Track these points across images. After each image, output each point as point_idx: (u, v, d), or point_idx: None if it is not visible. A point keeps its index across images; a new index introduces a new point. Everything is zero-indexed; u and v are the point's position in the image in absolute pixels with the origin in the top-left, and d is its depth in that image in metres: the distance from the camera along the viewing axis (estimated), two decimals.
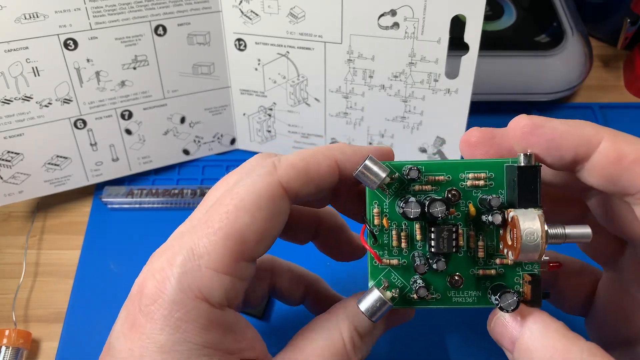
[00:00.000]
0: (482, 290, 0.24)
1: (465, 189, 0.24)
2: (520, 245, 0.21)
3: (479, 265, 0.24)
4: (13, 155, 0.41)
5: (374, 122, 0.43)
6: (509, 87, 0.50)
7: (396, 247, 0.24)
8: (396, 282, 0.24)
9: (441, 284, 0.24)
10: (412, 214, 0.22)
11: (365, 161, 0.22)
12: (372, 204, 0.24)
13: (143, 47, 0.41)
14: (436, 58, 0.38)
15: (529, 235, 0.21)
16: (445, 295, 0.24)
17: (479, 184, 0.24)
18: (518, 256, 0.21)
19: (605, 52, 0.57)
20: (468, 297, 0.24)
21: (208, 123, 0.46)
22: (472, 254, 0.24)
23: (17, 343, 0.36)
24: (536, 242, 0.21)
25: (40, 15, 0.37)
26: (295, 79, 0.43)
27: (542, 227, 0.21)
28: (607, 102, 0.53)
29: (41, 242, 0.43)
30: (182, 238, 0.22)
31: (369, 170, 0.23)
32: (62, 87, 0.40)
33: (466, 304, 0.24)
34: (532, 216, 0.22)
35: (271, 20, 0.40)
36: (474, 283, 0.24)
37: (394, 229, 0.24)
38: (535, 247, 0.21)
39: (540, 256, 0.21)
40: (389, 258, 0.24)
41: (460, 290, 0.24)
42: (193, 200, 0.43)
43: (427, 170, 0.24)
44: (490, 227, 0.23)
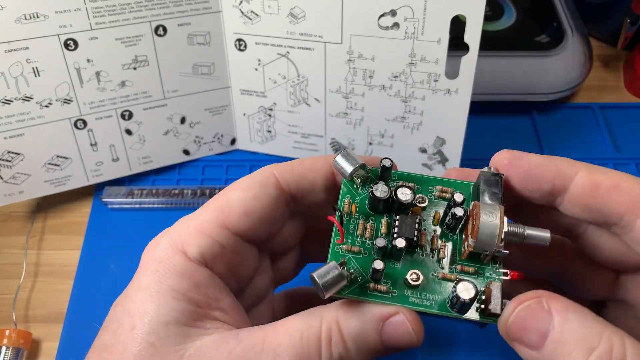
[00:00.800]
0: (440, 295, 0.23)
1: (433, 200, 0.25)
2: (478, 226, 0.22)
3: (440, 267, 0.23)
4: (13, 155, 0.41)
5: (374, 122, 0.43)
6: (509, 87, 0.50)
7: (360, 236, 0.24)
8: (352, 269, 0.23)
9: (399, 281, 0.23)
10: (379, 192, 0.23)
11: (340, 151, 0.25)
12: (344, 196, 0.25)
13: (143, 47, 0.41)
14: (436, 58, 0.38)
15: (488, 217, 0.22)
16: (402, 293, 0.23)
17: (446, 195, 0.25)
18: (476, 240, 0.22)
19: (605, 52, 0.57)
20: (426, 299, 0.23)
21: (208, 123, 0.46)
22: (433, 257, 0.24)
23: (17, 343, 0.36)
24: (494, 224, 0.22)
25: (41, 15, 0.37)
26: (296, 79, 0.43)
27: (501, 215, 0.22)
28: (607, 102, 0.53)
29: (41, 242, 0.43)
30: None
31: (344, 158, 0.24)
32: (63, 87, 0.40)
33: (423, 307, 0.23)
34: (493, 206, 0.22)
35: (271, 20, 0.40)
36: (433, 287, 0.23)
37: (361, 219, 0.25)
38: (492, 229, 0.22)
39: (497, 241, 0.22)
40: (351, 245, 0.24)
41: (418, 291, 0.23)
42: (193, 200, 0.43)
43: (400, 177, 0.26)
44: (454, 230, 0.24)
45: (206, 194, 0.43)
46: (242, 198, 0.25)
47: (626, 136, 0.50)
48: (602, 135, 0.50)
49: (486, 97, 0.49)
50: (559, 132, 0.50)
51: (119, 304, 0.24)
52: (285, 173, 0.26)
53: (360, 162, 0.24)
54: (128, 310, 0.23)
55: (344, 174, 0.25)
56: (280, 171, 0.26)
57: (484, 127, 0.50)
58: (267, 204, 0.25)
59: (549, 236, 0.22)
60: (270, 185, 0.25)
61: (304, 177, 0.26)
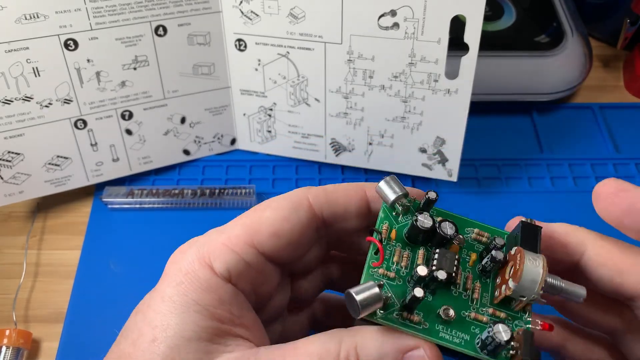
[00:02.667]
0: (470, 335, 0.23)
1: (469, 241, 0.25)
2: (522, 271, 0.22)
3: (473, 308, 0.23)
4: (13, 155, 0.41)
5: (374, 123, 0.43)
6: (509, 87, 0.50)
7: (396, 263, 0.24)
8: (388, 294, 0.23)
9: (431, 314, 0.23)
10: (424, 222, 0.23)
11: (385, 177, 0.25)
12: (384, 220, 0.25)
13: (143, 47, 0.41)
14: (436, 58, 0.38)
15: (533, 263, 0.22)
16: (432, 327, 0.23)
17: (482, 239, 0.25)
18: (517, 283, 0.22)
19: (605, 52, 0.57)
20: (455, 336, 0.23)
21: (208, 123, 0.46)
22: (466, 296, 0.24)
23: (17, 343, 0.36)
24: (537, 270, 0.22)
25: (41, 15, 0.37)
26: (296, 79, 0.43)
27: (545, 264, 0.22)
28: (607, 102, 0.53)
29: (41, 242, 0.43)
30: None
31: (388, 185, 0.25)
32: (63, 87, 0.40)
33: (451, 343, 0.22)
34: (536, 255, 0.23)
35: (271, 20, 0.40)
36: (463, 325, 0.23)
37: (398, 247, 0.24)
38: (535, 275, 0.22)
39: (539, 288, 0.22)
40: (386, 270, 0.24)
41: (449, 326, 0.23)
42: (193, 200, 0.43)
43: (439, 214, 0.26)
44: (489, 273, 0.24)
45: (206, 194, 0.43)
46: (273, 218, 0.25)
47: (626, 136, 0.50)
48: (602, 135, 0.50)
49: (486, 97, 0.49)
50: (558, 132, 0.50)
51: (140, 312, 0.24)
52: (319, 197, 0.26)
53: (405, 191, 0.24)
54: (150, 321, 0.23)
55: (387, 200, 0.25)
56: (314, 195, 0.26)
57: (484, 127, 0.50)
58: (297, 227, 0.25)
59: (585, 293, 0.23)
60: (302, 208, 0.25)
61: (336, 203, 0.26)
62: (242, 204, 0.44)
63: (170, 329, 0.22)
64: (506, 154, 0.48)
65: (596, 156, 0.48)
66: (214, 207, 0.44)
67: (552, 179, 0.47)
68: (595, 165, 0.48)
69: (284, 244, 0.25)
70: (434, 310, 0.23)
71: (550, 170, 0.47)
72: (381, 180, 0.25)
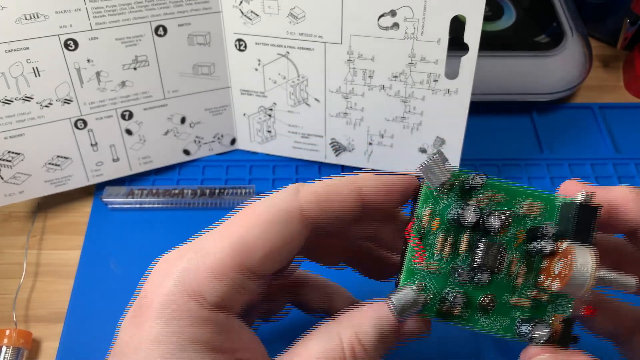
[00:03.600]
0: (510, 320, 0.23)
1: (517, 215, 0.23)
2: (570, 276, 0.21)
3: (515, 292, 0.23)
4: (14, 155, 0.41)
5: (374, 123, 0.43)
6: (509, 87, 0.50)
7: (438, 252, 0.23)
8: (429, 288, 0.23)
9: (471, 303, 0.23)
10: (469, 218, 0.22)
11: (434, 157, 0.23)
12: (425, 203, 0.23)
13: (143, 47, 0.41)
14: (436, 58, 0.38)
15: (582, 267, 0.21)
16: (472, 315, 0.23)
17: (532, 213, 0.23)
18: (564, 287, 0.21)
19: (605, 52, 0.57)
20: (495, 323, 0.23)
21: (208, 123, 0.46)
22: (508, 280, 0.23)
23: (17, 343, 0.36)
24: (586, 276, 0.21)
25: (41, 15, 0.37)
26: (296, 79, 0.43)
27: (595, 265, 0.21)
28: (607, 102, 0.53)
29: (42, 242, 0.43)
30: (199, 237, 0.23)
31: (436, 165, 0.23)
32: (63, 87, 0.40)
33: (491, 330, 0.23)
34: (587, 251, 0.21)
35: (271, 20, 0.40)
36: (504, 311, 0.23)
37: (441, 234, 0.23)
38: (583, 282, 0.21)
39: (585, 293, 0.21)
40: (428, 262, 0.23)
41: (489, 314, 0.23)
42: (193, 200, 0.43)
43: (487, 186, 0.24)
44: (535, 256, 0.23)
45: (206, 194, 0.43)
46: (264, 238, 0.22)
47: (626, 136, 0.50)
48: (602, 135, 0.50)
49: (486, 97, 0.49)
50: (558, 132, 0.50)
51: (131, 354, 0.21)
52: (311, 207, 0.23)
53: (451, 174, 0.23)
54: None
55: (433, 184, 0.23)
56: (305, 202, 0.23)
57: (484, 127, 0.50)
58: (290, 243, 0.23)
59: (635, 282, 0.22)
60: (294, 222, 0.23)
61: (330, 209, 0.24)
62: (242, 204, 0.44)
63: None
64: (506, 154, 0.48)
65: (596, 156, 0.48)
66: (214, 207, 0.44)
67: (552, 179, 0.47)
68: (595, 165, 0.48)
69: (277, 263, 0.23)
70: (475, 297, 0.23)
71: (550, 170, 0.47)
72: (426, 161, 0.23)
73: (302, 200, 0.23)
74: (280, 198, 0.23)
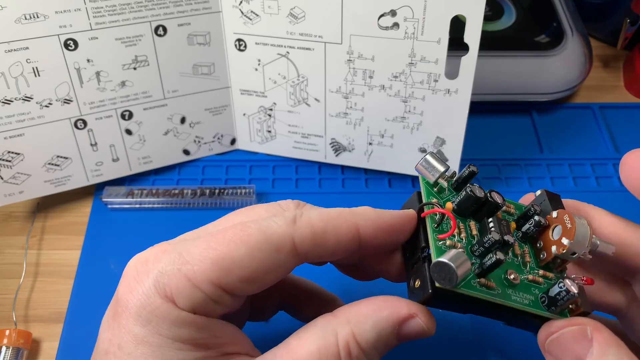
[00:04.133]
0: (534, 297, 0.23)
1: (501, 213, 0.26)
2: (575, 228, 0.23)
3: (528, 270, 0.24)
4: (13, 155, 0.41)
5: (374, 123, 0.43)
6: (509, 87, 0.50)
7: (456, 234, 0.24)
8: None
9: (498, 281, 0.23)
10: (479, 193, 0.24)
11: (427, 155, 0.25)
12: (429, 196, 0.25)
13: (143, 47, 0.41)
14: (436, 58, 0.38)
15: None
16: (504, 291, 0.23)
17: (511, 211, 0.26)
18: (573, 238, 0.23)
19: (605, 52, 0.57)
20: (525, 298, 0.23)
21: (208, 123, 0.46)
22: (519, 261, 0.24)
23: (17, 343, 0.36)
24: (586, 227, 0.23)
25: (41, 15, 0.37)
26: (296, 79, 0.43)
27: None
28: (607, 102, 0.53)
29: (41, 242, 0.43)
30: (182, 241, 0.23)
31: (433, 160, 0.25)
32: (63, 87, 0.40)
33: (523, 305, 0.23)
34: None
35: (271, 20, 0.40)
36: (524, 287, 0.24)
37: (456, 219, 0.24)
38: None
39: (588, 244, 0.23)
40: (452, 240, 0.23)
41: (516, 289, 0.23)
42: (193, 200, 0.43)
43: None
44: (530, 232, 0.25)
45: (206, 193, 0.43)
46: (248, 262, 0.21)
47: (626, 136, 0.50)
48: (602, 135, 0.50)
49: (486, 97, 0.49)
50: (558, 132, 0.50)
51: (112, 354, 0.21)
52: (305, 240, 0.22)
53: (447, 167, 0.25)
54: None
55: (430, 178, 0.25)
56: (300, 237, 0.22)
57: (484, 127, 0.50)
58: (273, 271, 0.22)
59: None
60: (284, 252, 0.22)
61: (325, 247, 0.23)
62: (242, 204, 0.44)
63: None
64: (506, 154, 0.48)
65: (596, 156, 0.48)
66: (214, 207, 0.44)
67: (552, 179, 0.47)
68: (595, 165, 0.48)
69: (255, 287, 0.22)
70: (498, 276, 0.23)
71: (550, 170, 0.47)
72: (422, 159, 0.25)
73: (297, 232, 0.22)
74: (276, 224, 0.22)
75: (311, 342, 0.22)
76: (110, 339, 0.22)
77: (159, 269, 0.22)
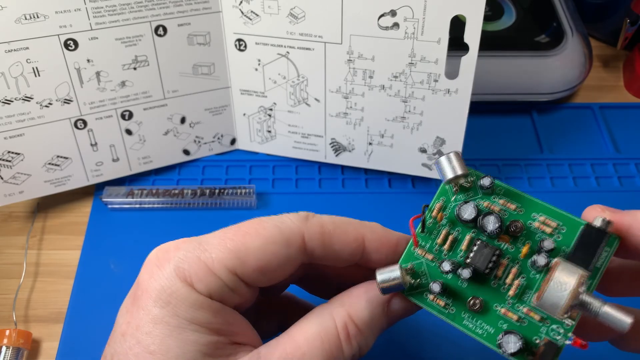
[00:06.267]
0: (495, 329, 0.23)
1: (531, 229, 0.23)
2: (545, 290, 0.20)
3: (505, 303, 0.23)
4: (13, 155, 0.41)
5: (374, 123, 0.43)
6: (509, 87, 0.50)
7: (439, 245, 0.24)
8: (421, 274, 0.24)
9: (460, 302, 0.23)
10: (466, 214, 0.23)
11: (450, 153, 0.24)
12: (439, 197, 0.25)
13: (143, 47, 0.41)
14: (436, 58, 0.38)
15: (558, 285, 0.20)
16: (458, 313, 0.23)
17: (546, 229, 0.23)
18: (538, 300, 0.21)
19: (605, 52, 0.57)
20: (479, 327, 0.23)
21: (208, 123, 0.46)
22: (504, 290, 0.23)
23: (17, 343, 0.36)
24: (562, 294, 0.20)
25: (41, 15, 0.37)
26: (296, 79, 0.43)
27: (577, 285, 0.20)
28: (607, 102, 0.53)
29: (41, 242, 0.43)
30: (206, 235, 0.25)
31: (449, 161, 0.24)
32: (63, 87, 0.40)
33: (472, 332, 0.23)
34: (573, 271, 0.20)
35: (271, 20, 0.40)
36: (491, 317, 0.23)
37: (445, 228, 0.24)
38: (558, 299, 0.20)
39: (560, 313, 0.20)
40: (427, 251, 0.24)
41: (475, 316, 0.23)
42: (193, 200, 0.43)
43: (505, 194, 0.24)
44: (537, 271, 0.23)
45: (206, 193, 0.43)
46: (262, 253, 0.23)
47: (626, 136, 0.50)
48: (602, 135, 0.50)
49: (486, 97, 0.49)
50: (558, 132, 0.50)
51: (129, 335, 0.22)
52: (314, 238, 0.24)
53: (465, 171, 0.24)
54: (146, 346, 0.22)
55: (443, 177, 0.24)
56: (309, 233, 0.24)
57: (484, 127, 0.50)
58: (284, 264, 0.24)
59: (630, 323, 0.19)
60: (294, 246, 0.24)
61: (331, 247, 0.24)
62: (242, 204, 0.44)
63: (171, 352, 0.21)
64: (506, 154, 0.48)
65: (596, 156, 0.48)
66: (214, 207, 0.44)
67: (552, 179, 0.47)
68: (595, 165, 0.48)
69: (267, 278, 0.24)
70: (465, 296, 0.23)
71: (550, 170, 0.47)
72: (443, 155, 0.24)
73: (308, 229, 0.24)
74: (290, 220, 0.24)
75: (311, 327, 0.23)
76: (128, 322, 0.23)
77: (179, 256, 0.23)
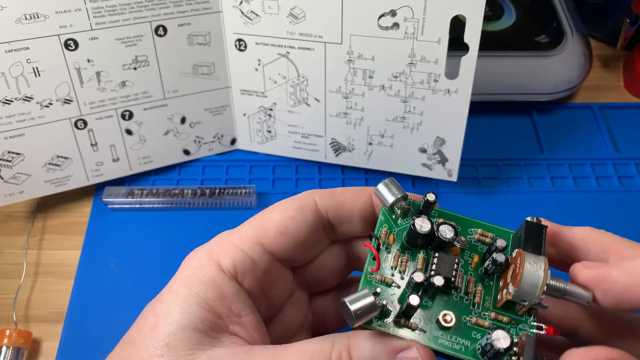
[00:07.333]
0: (471, 340, 0.22)
1: (472, 242, 0.25)
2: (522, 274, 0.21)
3: (474, 312, 0.23)
4: (14, 155, 0.41)
5: (374, 123, 0.43)
6: (509, 87, 0.50)
7: (394, 268, 0.24)
8: (385, 298, 0.23)
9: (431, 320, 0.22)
10: (422, 227, 0.23)
11: (383, 180, 0.25)
12: (383, 224, 0.25)
13: (143, 47, 0.41)
14: (436, 58, 0.39)
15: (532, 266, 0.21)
16: (431, 333, 0.22)
17: (486, 240, 0.25)
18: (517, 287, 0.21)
19: (605, 52, 0.57)
20: (455, 342, 0.22)
21: (208, 123, 0.46)
22: (468, 300, 0.23)
23: (17, 343, 0.36)
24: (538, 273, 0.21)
25: (41, 15, 0.37)
26: (296, 79, 0.43)
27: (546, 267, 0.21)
28: (607, 102, 0.53)
29: (42, 242, 0.43)
30: None
31: (387, 187, 0.24)
32: (63, 87, 0.40)
33: (451, 350, 0.22)
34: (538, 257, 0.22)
35: (271, 20, 0.40)
36: (464, 330, 0.22)
37: (397, 251, 0.24)
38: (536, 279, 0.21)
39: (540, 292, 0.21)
40: (384, 275, 0.23)
41: (449, 332, 0.22)
42: (193, 200, 0.43)
43: (440, 215, 0.25)
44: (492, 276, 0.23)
45: (206, 193, 0.43)
46: (279, 218, 0.26)
47: (626, 136, 0.50)
48: (602, 135, 0.50)
49: (486, 97, 0.49)
50: (558, 132, 0.50)
51: (151, 303, 0.25)
52: (325, 199, 0.27)
53: (404, 194, 0.24)
54: (155, 310, 0.24)
55: (385, 203, 0.24)
56: (320, 197, 0.27)
57: (484, 127, 0.50)
58: (303, 226, 0.26)
59: (591, 295, 0.22)
60: (308, 209, 0.26)
61: (342, 206, 0.27)
62: (242, 204, 0.44)
63: (170, 317, 0.23)
64: (506, 154, 0.48)
65: (596, 156, 0.48)
66: (214, 207, 0.44)
67: (552, 179, 0.47)
68: (595, 165, 0.48)
69: (291, 242, 0.26)
70: (434, 315, 0.22)
71: (550, 170, 0.47)
72: (379, 183, 0.25)
73: (318, 194, 0.27)
74: (301, 194, 0.27)
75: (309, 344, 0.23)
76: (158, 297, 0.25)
77: (211, 242, 0.26)
